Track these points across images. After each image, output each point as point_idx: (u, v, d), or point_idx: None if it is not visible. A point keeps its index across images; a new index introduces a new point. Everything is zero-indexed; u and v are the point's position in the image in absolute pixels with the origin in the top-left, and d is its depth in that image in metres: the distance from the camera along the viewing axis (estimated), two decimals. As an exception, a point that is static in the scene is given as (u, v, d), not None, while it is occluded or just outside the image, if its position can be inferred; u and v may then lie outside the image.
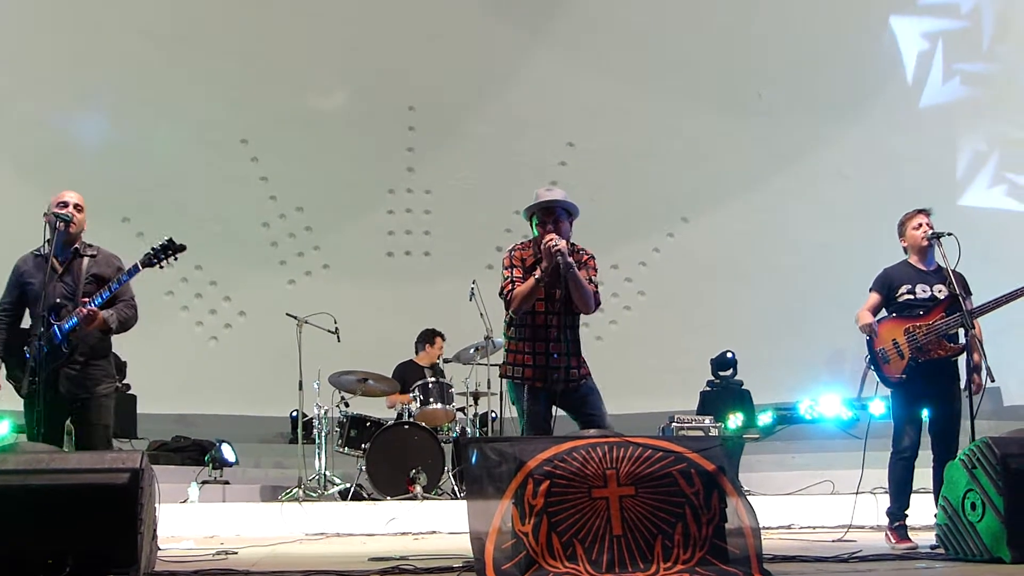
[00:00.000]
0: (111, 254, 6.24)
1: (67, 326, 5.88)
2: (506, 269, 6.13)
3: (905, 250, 6.81)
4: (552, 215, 6.05)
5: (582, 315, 6.20)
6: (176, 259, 6.04)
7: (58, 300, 5.97)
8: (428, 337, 11.16)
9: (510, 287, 6.03)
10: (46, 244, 6.04)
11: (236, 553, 6.24)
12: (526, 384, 6.04)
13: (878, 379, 6.68)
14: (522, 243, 6.26)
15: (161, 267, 6.00)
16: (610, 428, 5.56)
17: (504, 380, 6.36)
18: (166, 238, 6.01)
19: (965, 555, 5.19)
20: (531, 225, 6.17)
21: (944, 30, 12.65)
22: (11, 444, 6.59)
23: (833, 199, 13.04)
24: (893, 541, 6.45)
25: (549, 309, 6.00)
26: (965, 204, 12.42)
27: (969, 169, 12.62)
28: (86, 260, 6.12)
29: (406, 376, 10.73)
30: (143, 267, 5.96)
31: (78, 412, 6.02)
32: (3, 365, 6.13)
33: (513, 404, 6.27)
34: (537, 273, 5.91)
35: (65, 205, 6.07)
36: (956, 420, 6.48)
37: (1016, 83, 12.25)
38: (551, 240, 5.81)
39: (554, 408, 6.00)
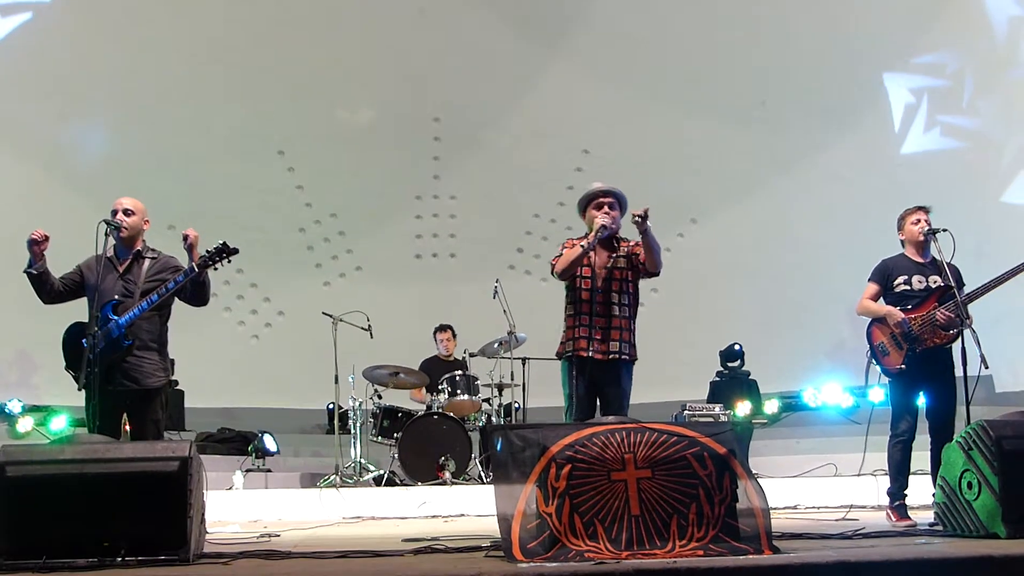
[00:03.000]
0: (170, 257, 6.22)
1: (124, 320, 5.86)
2: (559, 248, 6.37)
3: (902, 243, 6.78)
4: (608, 199, 6.27)
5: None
6: (229, 261, 6.02)
7: (117, 297, 5.97)
8: (433, 333, 11.36)
9: (557, 259, 6.26)
10: (105, 251, 5.99)
11: (279, 536, 6.25)
12: (567, 360, 6.19)
13: (880, 371, 6.67)
14: (578, 237, 6.43)
15: (215, 268, 6.01)
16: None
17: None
18: (220, 242, 5.99)
19: (962, 531, 5.13)
20: (586, 221, 6.36)
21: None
22: (69, 435, 6.60)
23: (832, 201, 12.94)
24: (894, 519, 6.41)
25: (594, 286, 6.16)
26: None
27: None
28: (147, 262, 6.11)
29: (430, 371, 10.76)
30: (199, 268, 5.96)
31: (132, 405, 5.98)
32: (63, 359, 6.08)
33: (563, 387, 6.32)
34: (585, 242, 6.09)
35: (115, 213, 6.08)
36: (952, 404, 6.43)
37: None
38: (601, 222, 6.08)
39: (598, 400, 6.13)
